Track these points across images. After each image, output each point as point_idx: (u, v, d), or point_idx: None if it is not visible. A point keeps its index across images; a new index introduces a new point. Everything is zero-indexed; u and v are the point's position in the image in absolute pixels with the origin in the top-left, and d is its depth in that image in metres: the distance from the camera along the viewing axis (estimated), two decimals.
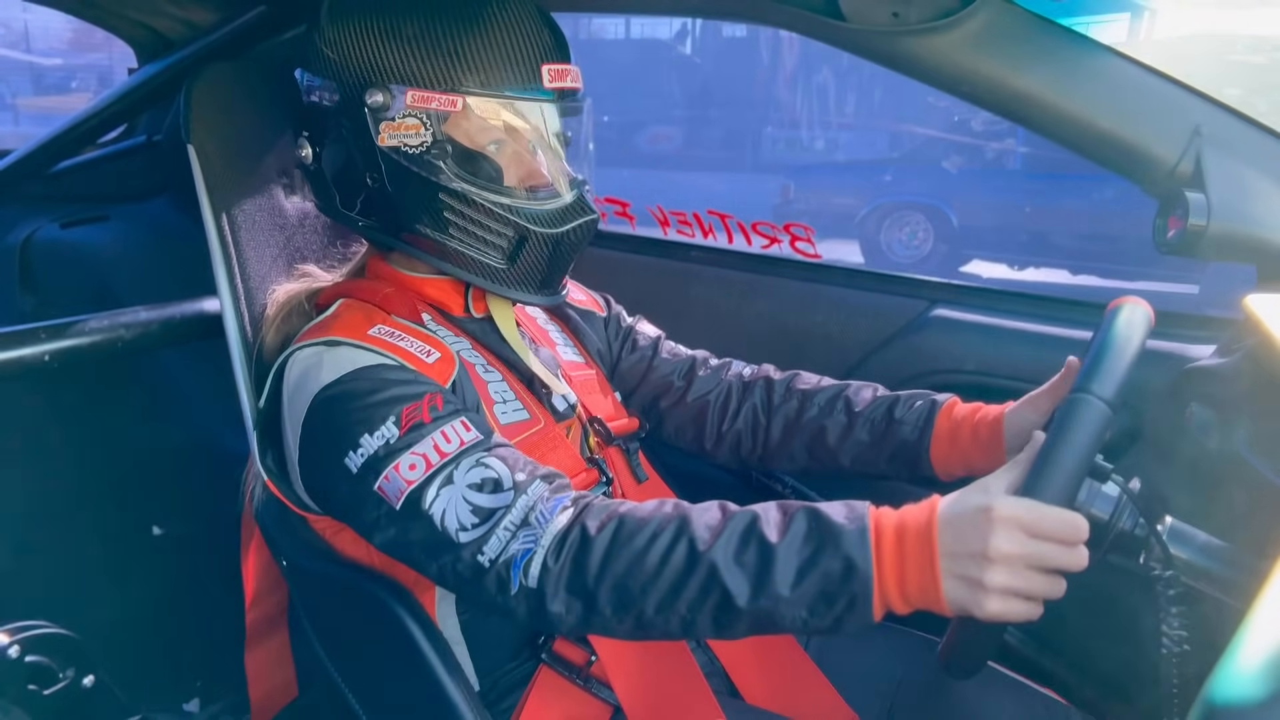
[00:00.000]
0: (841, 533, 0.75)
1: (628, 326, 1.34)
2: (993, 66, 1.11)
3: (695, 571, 0.77)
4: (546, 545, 0.82)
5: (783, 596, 0.75)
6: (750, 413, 1.25)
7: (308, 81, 1.07)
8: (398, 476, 0.88)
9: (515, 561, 0.82)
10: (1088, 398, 0.80)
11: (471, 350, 1.09)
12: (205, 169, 1.20)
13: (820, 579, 0.75)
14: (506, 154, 1.04)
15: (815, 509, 0.78)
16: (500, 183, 1.03)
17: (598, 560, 0.80)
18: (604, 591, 0.80)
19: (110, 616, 1.47)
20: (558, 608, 0.81)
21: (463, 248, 1.03)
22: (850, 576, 0.74)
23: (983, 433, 1.07)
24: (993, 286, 1.53)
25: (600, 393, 1.23)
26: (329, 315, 1.05)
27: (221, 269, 1.18)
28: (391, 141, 1.01)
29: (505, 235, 1.03)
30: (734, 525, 0.79)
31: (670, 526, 0.80)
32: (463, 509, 0.85)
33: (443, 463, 0.88)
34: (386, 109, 1.00)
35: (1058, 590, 0.73)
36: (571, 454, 1.09)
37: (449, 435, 0.90)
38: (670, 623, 0.79)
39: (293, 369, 1.01)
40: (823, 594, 0.75)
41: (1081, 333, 1.32)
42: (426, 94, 0.99)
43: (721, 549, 0.77)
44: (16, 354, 1.29)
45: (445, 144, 1.01)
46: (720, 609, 0.77)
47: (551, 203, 1.06)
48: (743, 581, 0.76)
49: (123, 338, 1.39)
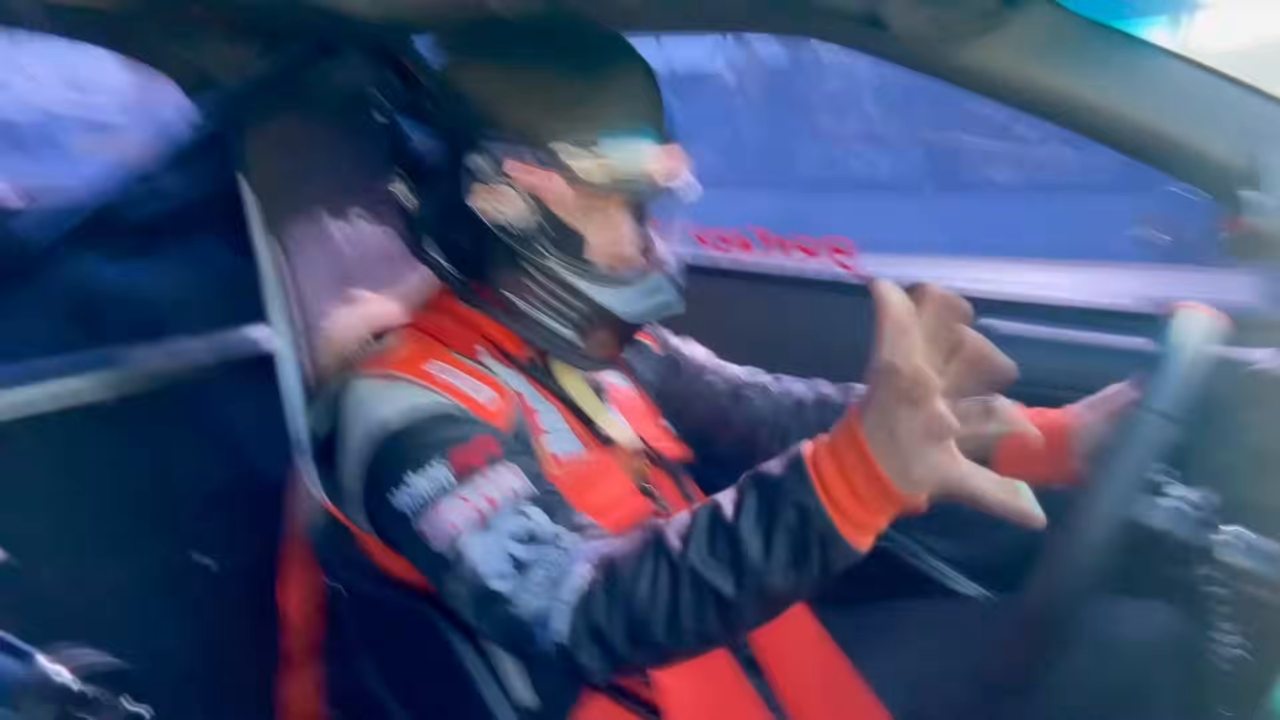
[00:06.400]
0: (783, 481, 0.75)
1: (675, 350, 1.32)
2: (1040, 72, 1.09)
3: (680, 583, 0.77)
4: (568, 602, 0.82)
5: (764, 569, 0.74)
6: (804, 433, 1.21)
7: (409, 126, 1.05)
8: (442, 521, 0.88)
9: (541, 618, 0.83)
10: (1145, 412, 0.80)
11: (523, 382, 1.08)
12: (258, 203, 1.22)
13: (785, 536, 0.74)
14: (595, 223, 1.01)
15: (759, 472, 0.77)
16: (583, 255, 1.01)
17: (604, 611, 0.80)
18: (617, 634, 0.80)
19: (159, 647, 1.47)
20: (585, 660, 0.82)
21: (536, 314, 1.03)
22: (807, 519, 0.73)
23: (1046, 439, 1.03)
24: (1039, 298, 1.49)
25: (649, 419, 1.21)
26: (388, 347, 1.05)
27: (276, 301, 1.21)
28: (482, 204, 0.99)
29: (581, 312, 1.01)
30: (699, 522, 0.79)
31: (650, 549, 0.80)
32: (499, 558, 0.86)
33: (486, 509, 0.88)
34: (482, 171, 0.98)
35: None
36: (624, 483, 1.08)
37: (495, 482, 0.89)
38: (684, 640, 0.79)
39: (350, 398, 1.00)
40: (795, 549, 0.74)
41: (1138, 341, 1.28)
42: (526, 167, 0.97)
43: (694, 551, 0.77)
44: (74, 387, 1.31)
45: (536, 216, 0.99)
46: (719, 608, 0.77)
47: (636, 285, 1.04)
48: (723, 573, 0.76)
49: (177, 370, 1.41)
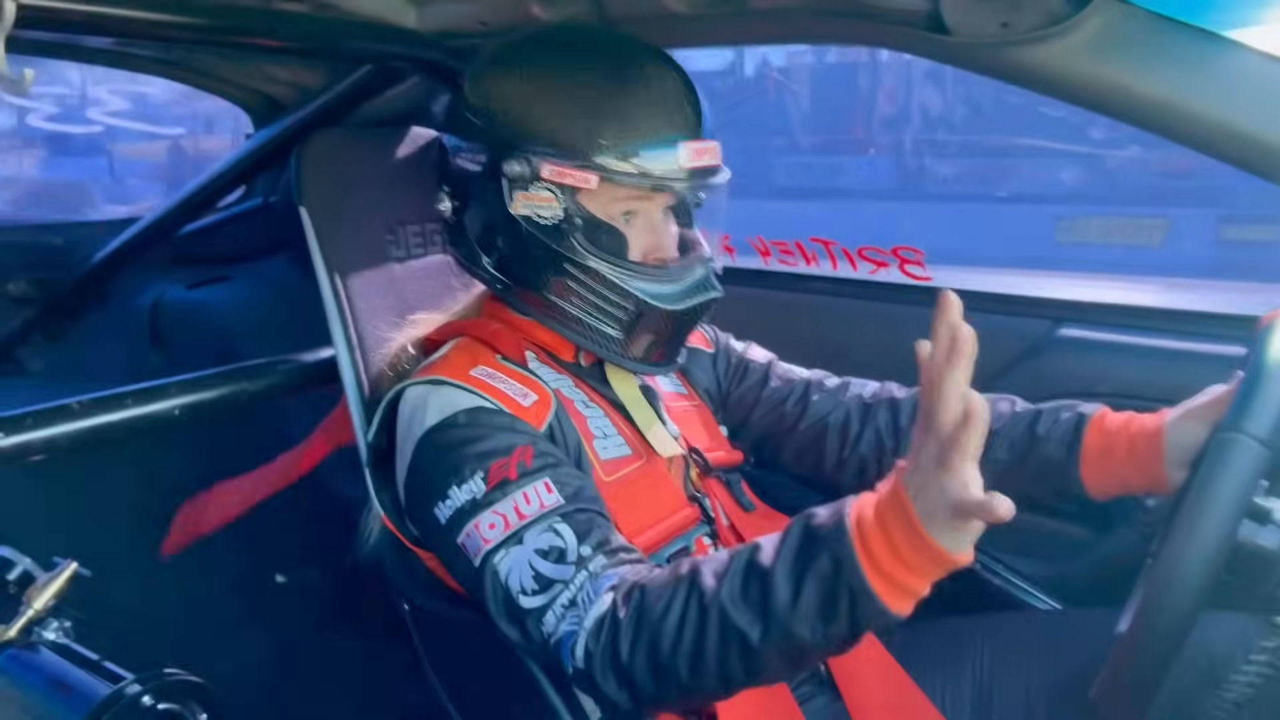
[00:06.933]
0: (821, 531, 0.73)
1: (738, 356, 1.30)
2: (1114, 72, 1.05)
3: (708, 622, 0.76)
4: (588, 628, 0.82)
5: (788, 617, 0.72)
6: (874, 437, 1.19)
7: (451, 141, 1.09)
8: (477, 534, 0.90)
9: (564, 642, 0.83)
10: (1238, 438, 0.72)
11: (572, 386, 1.09)
12: (317, 228, 1.27)
13: (816, 584, 0.72)
14: (636, 227, 1.04)
15: (806, 516, 0.75)
16: (626, 256, 1.03)
17: (628, 641, 0.79)
18: (639, 669, 0.79)
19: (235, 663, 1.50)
20: (607, 688, 0.81)
21: (582, 315, 1.04)
22: (840, 572, 0.70)
23: (1140, 447, 0.98)
24: (1124, 302, 1.44)
25: (700, 425, 1.20)
26: (439, 356, 1.08)
27: (336, 321, 1.25)
28: (524, 210, 1.01)
29: (625, 308, 1.02)
30: (736, 564, 0.77)
31: (682, 585, 0.79)
32: (525, 573, 0.86)
33: (520, 524, 0.88)
34: (523, 179, 1.00)
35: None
36: (673, 490, 1.08)
37: (529, 497, 0.90)
38: (707, 680, 0.78)
39: (404, 407, 1.03)
40: (824, 599, 0.71)
41: (1231, 349, 1.22)
42: (562, 168, 0.99)
43: (727, 591, 0.75)
44: (148, 410, 1.35)
45: (576, 217, 1.01)
46: (742, 651, 0.75)
47: (676, 278, 1.05)
48: (751, 616, 0.74)
49: (246, 390, 1.45)
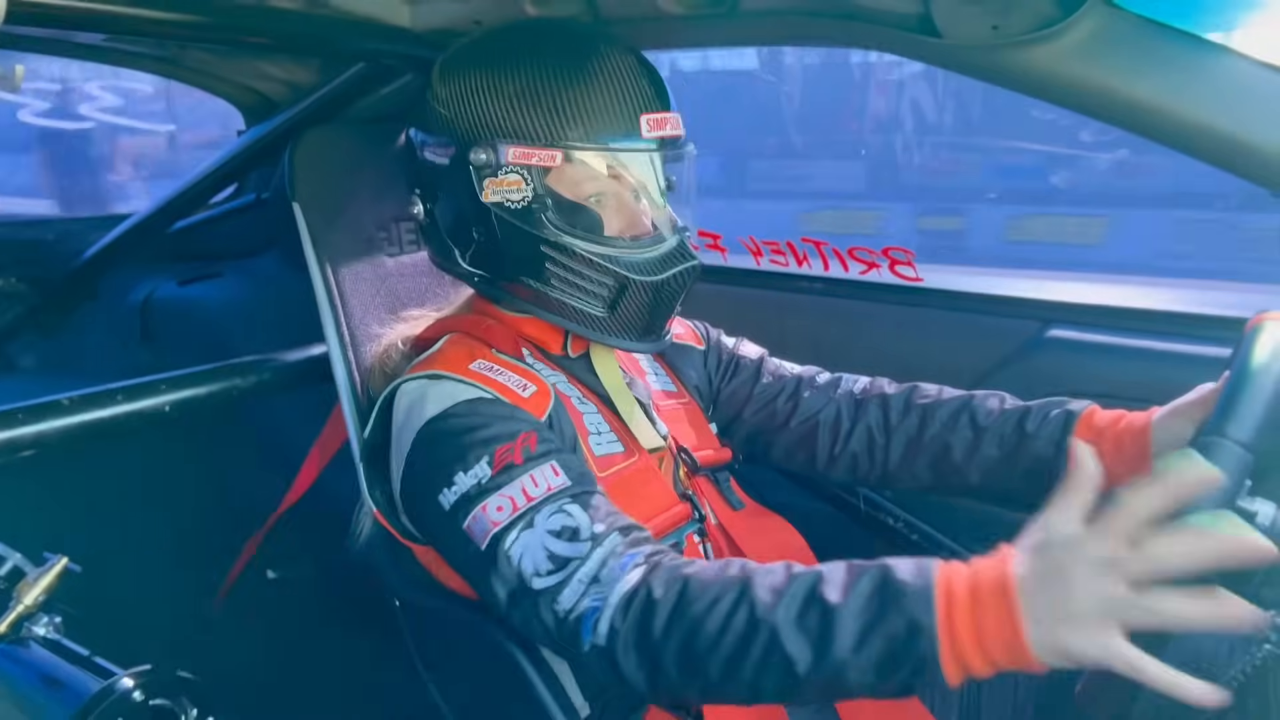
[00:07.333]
0: (905, 591, 0.71)
1: (730, 353, 1.31)
2: (1103, 75, 1.06)
3: (757, 636, 0.75)
4: (615, 604, 0.81)
5: (846, 660, 0.71)
6: (865, 433, 1.20)
7: (419, 138, 1.09)
8: (485, 517, 0.89)
9: (585, 617, 0.83)
10: (1221, 442, 0.72)
11: (567, 383, 1.10)
12: (310, 225, 1.27)
13: (884, 641, 0.70)
14: (607, 204, 1.05)
15: (884, 566, 0.74)
16: (600, 232, 1.04)
17: (662, 623, 0.79)
18: (669, 654, 0.78)
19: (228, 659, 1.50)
20: (627, 668, 0.81)
21: (564, 297, 1.04)
22: (915, 638, 0.69)
23: (1128, 444, 1.00)
24: (1113, 303, 1.45)
25: (688, 423, 1.21)
26: (435, 351, 1.08)
27: (328, 317, 1.24)
28: (495, 197, 1.02)
29: (605, 284, 1.03)
30: (796, 587, 0.76)
31: (733, 589, 0.78)
32: (539, 554, 0.86)
33: (528, 506, 0.88)
34: (490, 165, 1.01)
35: (1203, 611, 0.61)
36: (664, 486, 1.09)
37: (536, 480, 0.90)
38: (737, 687, 0.77)
39: (400, 401, 1.04)
40: (888, 658, 0.70)
41: (1218, 350, 1.23)
42: (527, 150, 1.00)
43: (783, 612, 0.74)
44: (139, 405, 1.35)
45: (546, 198, 1.02)
46: (784, 674, 0.74)
47: (652, 250, 1.05)
48: (804, 646, 0.73)
49: (238, 386, 1.45)
